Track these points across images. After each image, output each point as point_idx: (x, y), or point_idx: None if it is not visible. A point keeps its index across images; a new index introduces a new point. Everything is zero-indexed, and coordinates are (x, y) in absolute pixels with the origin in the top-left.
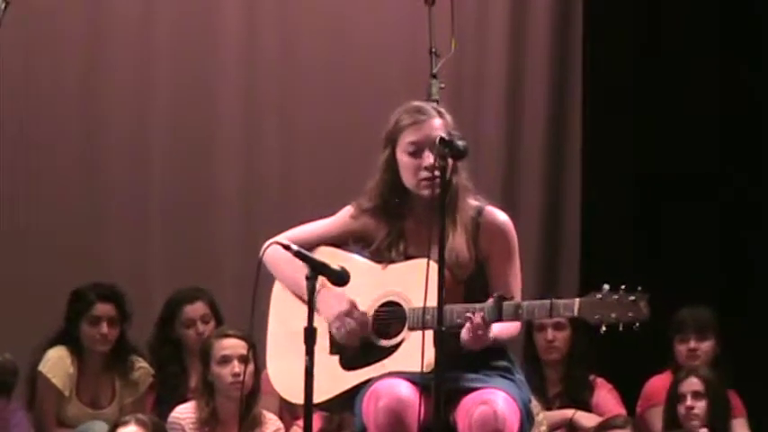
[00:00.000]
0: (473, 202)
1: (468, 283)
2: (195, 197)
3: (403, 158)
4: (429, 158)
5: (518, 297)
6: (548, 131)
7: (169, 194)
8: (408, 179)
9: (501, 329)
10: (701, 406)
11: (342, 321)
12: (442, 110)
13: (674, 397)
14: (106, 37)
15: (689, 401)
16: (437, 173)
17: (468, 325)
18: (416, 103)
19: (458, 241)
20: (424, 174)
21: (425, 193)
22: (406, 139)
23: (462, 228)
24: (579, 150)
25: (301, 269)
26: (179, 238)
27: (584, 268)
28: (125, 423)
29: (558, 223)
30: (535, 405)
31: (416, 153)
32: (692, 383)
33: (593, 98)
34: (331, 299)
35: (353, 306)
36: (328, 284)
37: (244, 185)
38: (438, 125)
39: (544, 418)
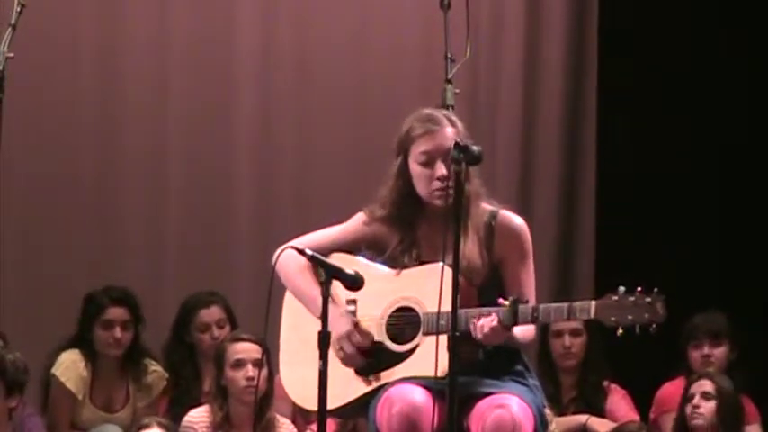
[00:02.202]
0: (487, 206)
1: (482, 287)
2: (210, 201)
3: (415, 168)
4: (441, 169)
5: (532, 300)
6: (563, 135)
7: (184, 199)
8: (421, 189)
9: (518, 331)
10: (707, 406)
11: (340, 344)
12: (454, 118)
13: (685, 401)
14: (122, 51)
15: (696, 400)
16: (450, 183)
17: (479, 323)
18: (428, 111)
19: (469, 247)
20: (437, 184)
21: (438, 203)
22: (419, 149)
23: (474, 233)
24: (594, 154)
25: (312, 283)
26: (194, 242)
27: (599, 271)
28: (147, 425)
29: (573, 227)
30: (547, 413)
31: (428, 163)
32: (703, 384)
33: (608, 102)
34: (334, 320)
35: (355, 328)
36: (335, 301)
37: (259, 190)
38: (450, 134)
39: (556, 427)
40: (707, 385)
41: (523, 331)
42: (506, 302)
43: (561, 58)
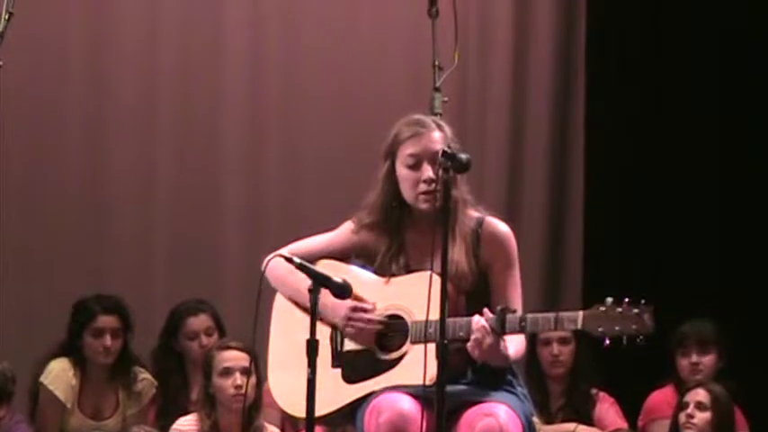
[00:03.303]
0: (474, 213)
1: (470, 294)
2: (199, 210)
3: (402, 171)
4: (428, 171)
5: (519, 307)
6: (551, 143)
7: (173, 207)
8: (407, 192)
9: (515, 350)
10: (701, 417)
11: (349, 323)
12: (442, 123)
13: (679, 409)
14: (111, 59)
15: (690, 409)
16: (437, 186)
17: (474, 337)
18: (416, 116)
19: (457, 253)
20: (423, 187)
21: (424, 207)
22: (406, 151)
23: (461, 239)
24: (582, 162)
25: (304, 281)
26: (182, 250)
27: (588, 277)
28: None
29: (561, 234)
30: (535, 421)
31: (415, 166)
32: (698, 394)
33: (597, 110)
34: (334, 302)
35: (357, 299)
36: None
37: (247, 197)
38: (437, 138)
39: (546, 431)
40: (702, 395)
41: (517, 350)
42: (492, 315)
43: (550, 64)
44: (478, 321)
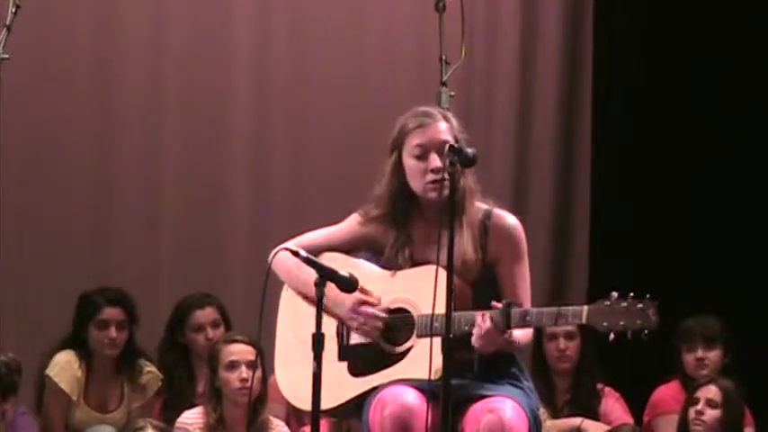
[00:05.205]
0: (481, 205)
1: (476, 285)
2: (205, 202)
3: (409, 162)
4: (435, 161)
5: (527, 300)
6: (558, 137)
7: (179, 200)
8: (415, 183)
9: (520, 334)
10: (711, 414)
11: (354, 316)
12: (448, 114)
13: (689, 404)
14: (118, 54)
15: (700, 406)
16: (445, 176)
17: (476, 330)
18: (422, 108)
19: (464, 243)
20: (431, 176)
21: (432, 196)
22: (412, 142)
23: (469, 230)
24: (589, 155)
25: (310, 274)
26: (188, 244)
27: (593, 274)
28: (142, 428)
29: (567, 228)
30: (542, 413)
31: (423, 156)
32: (709, 390)
33: (604, 104)
34: (340, 296)
35: (363, 292)
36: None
37: (253, 191)
38: (444, 128)
39: (552, 425)
40: (713, 392)
41: (525, 334)
42: (500, 306)
43: (556, 58)
44: (486, 324)
